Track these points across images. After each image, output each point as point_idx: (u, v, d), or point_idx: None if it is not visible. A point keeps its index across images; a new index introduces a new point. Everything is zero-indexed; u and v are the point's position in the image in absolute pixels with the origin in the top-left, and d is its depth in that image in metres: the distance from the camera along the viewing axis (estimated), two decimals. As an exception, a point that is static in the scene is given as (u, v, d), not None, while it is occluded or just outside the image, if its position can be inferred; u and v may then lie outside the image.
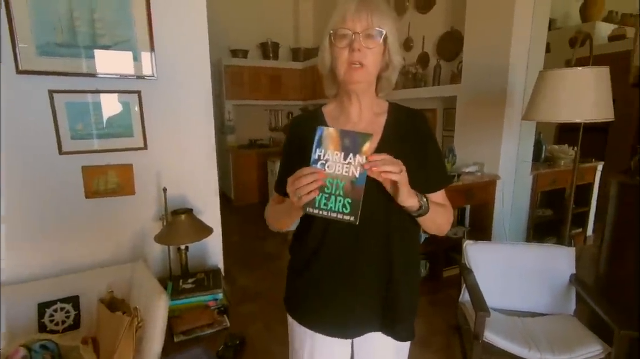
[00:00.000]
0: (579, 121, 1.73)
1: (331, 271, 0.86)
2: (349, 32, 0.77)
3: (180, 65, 1.79)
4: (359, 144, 0.65)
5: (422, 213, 0.79)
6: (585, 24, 4.05)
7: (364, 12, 0.77)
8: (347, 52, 0.78)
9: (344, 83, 0.82)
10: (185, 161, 1.87)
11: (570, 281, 1.76)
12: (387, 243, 0.84)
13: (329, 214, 0.67)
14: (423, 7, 3.44)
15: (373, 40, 0.78)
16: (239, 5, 5.23)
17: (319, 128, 0.67)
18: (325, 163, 0.67)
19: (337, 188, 0.66)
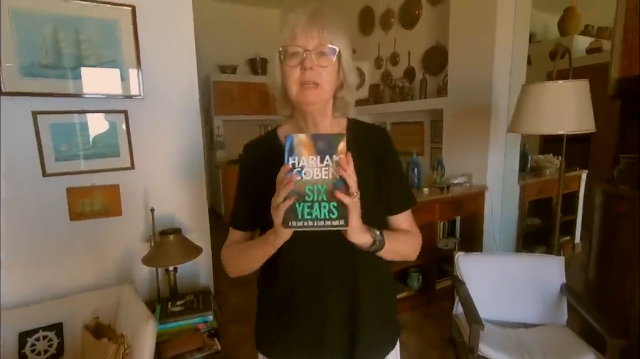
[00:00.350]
0: (562, 133, 1.77)
1: (302, 312, 0.81)
2: (300, 49, 0.71)
3: (168, 83, 1.78)
4: (334, 144, 0.61)
5: (377, 249, 0.73)
6: (563, 38, 4.20)
7: (315, 28, 0.71)
8: (298, 70, 0.72)
9: (297, 104, 0.76)
10: (173, 180, 1.85)
11: (561, 290, 1.77)
12: (353, 279, 0.80)
13: (315, 224, 0.62)
14: (408, 23, 3.53)
15: (326, 58, 0.72)
16: (227, 22, 5.29)
17: (288, 137, 0.61)
18: (302, 171, 0.61)
19: (319, 194, 0.62)
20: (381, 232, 0.74)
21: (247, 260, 0.80)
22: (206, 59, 4.85)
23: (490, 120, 2.59)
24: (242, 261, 0.82)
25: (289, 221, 0.62)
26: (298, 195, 0.61)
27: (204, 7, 4.91)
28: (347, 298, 0.80)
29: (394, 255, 0.79)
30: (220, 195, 5.00)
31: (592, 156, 3.83)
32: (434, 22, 3.27)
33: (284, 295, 0.82)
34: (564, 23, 4.19)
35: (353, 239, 0.67)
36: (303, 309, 0.81)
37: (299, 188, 0.61)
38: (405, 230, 0.85)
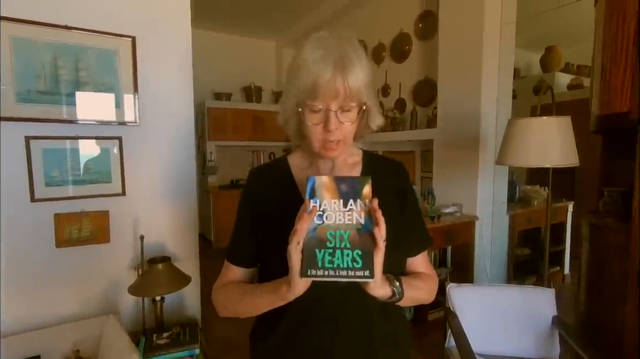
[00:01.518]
0: (548, 166, 1.83)
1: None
2: (324, 108, 0.65)
3: (164, 111, 1.80)
4: (358, 188, 0.57)
5: (396, 300, 0.65)
6: (546, 74, 4.41)
7: (339, 81, 0.62)
8: (320, 128, 0.66)
9: (319, 155, 0.70)
10: (164, 207, 1.83)
11: (552, 323, 1.76)
12: (369, 340, 0.70)
13: (337, 273, 0.54)
14: (398, 57, 3.68)
15: (351, 114, 0.66)
16: (224, 51, 5.44)
17: (309, 178, 0.57)
18: (323, 214, 0.56)
19: (342, 240, 0.55)
20: (400, 283, 0.66)
21: (246, 308, 0.70)
22: (202, 86, 4.94)
23: (478, 151, 2.66)
24: (240, 309, 0.72)
25: (308, 270, 0.54)
26: (319, 241, 0.55)
27: (202, 36, 5.06)
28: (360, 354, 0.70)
29: (412, 302, 0.72)
30: (211, 221, 4.94)
31: (577, 187, 3.93)
32: (424, 57, 3.41)
33: (282, 353, 0.72)
34: (546, 60, 4.42)
35: (373, 292, 0.60)
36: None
37: (320, 233, 0.56)
38: (421, 273, 0.78)
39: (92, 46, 1.60)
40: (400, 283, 0.66)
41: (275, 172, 0.79)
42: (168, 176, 1.83)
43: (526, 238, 3.31)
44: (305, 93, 0.65)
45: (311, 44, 0.66)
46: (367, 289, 0.59)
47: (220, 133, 5.13)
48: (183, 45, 1.82)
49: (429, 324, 2.55)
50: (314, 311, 0.69)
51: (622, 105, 1.58)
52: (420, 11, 3.37)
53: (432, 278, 0.79)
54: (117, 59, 1.65)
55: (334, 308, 0.68)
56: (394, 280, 0.65)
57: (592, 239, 1.83)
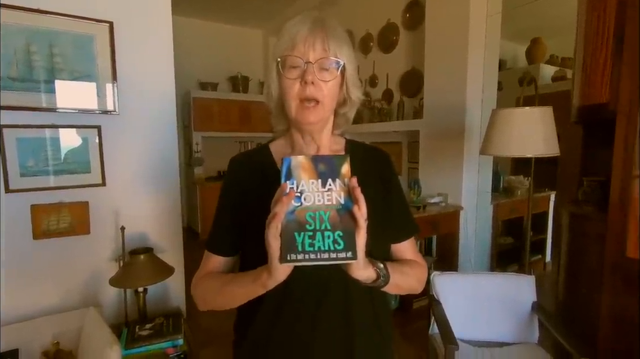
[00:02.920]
0: (529, 156, 1.86)
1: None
2: (301, 60, 0.64)
3: (145, 99, 1.76)
4: (337, 167, 0.55)
5: (381, 284, 0.63)
6: (531, 66, 4.46)
7: (318, 37, 0.64)
8: (298, 85, 0.65)
9: (296, 123, 0.69)
10: (146, 197, 1.80)
11: (532, 309, 1.81)
12: (348, 322, 0.69)
13: (318, 256, 0.52)
14: (386, 47, 3.66)
15: (329, 72, 0.65)
16: (210, 40, 5.33)
17: (284, 159, 0.54)
18: (301, 196, 0.53)
19: (322, 222, 0.53)
20: (385, 265, 0.64)
21: (226, 299, 0.68)
22: (187, 75, 4.84)
23: (464, 142, 2.69)
24: (220, 300, 0.70)
25: (287, 255, 0.52)
26: (297, 224, 0.53)
27: (187, 24, 4.95)
28: (342, 344, 0.69)
29: (399, 289, 0.70)
30: (198, 212, 4.89)
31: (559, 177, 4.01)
32: (411, 47, 3.40)
33: (266, 342, 0.71)
34: (531, 52, 4.46)
35: (356, 274, 0.58)
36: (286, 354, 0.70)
37: (299, 215, 0.53)
38: (409, 260, 0.77)
39: (67, 31, 1.54)
40: (385, 266, 0.64)
41: (256, 160, 0.78)
42: (150, 166, 1.79)
43: (510, 227, 3.38)
44: (283, 49, 0.65)
45: (293, 18, 0.68)
46: (350, 271, 0.57)
47: (206, 124, 5.05)
48: (164, 31, 1.77)
49: (414, 312, 2.60)
50: (293, 298, 0.67)
51: (602, 97, 1.61)
52: (407, 1, 3.35)
53: (420, 266, 0.77)
54: (94, 45, 1.60)
55: (314, 293, 0.67)
56: (379, 263, 0.63)
57: (572, 228, 1.87)
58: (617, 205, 1.45)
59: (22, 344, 1.40)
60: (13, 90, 1.48)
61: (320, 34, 0.64)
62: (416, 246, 0.81)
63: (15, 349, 1.38)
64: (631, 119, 1.40)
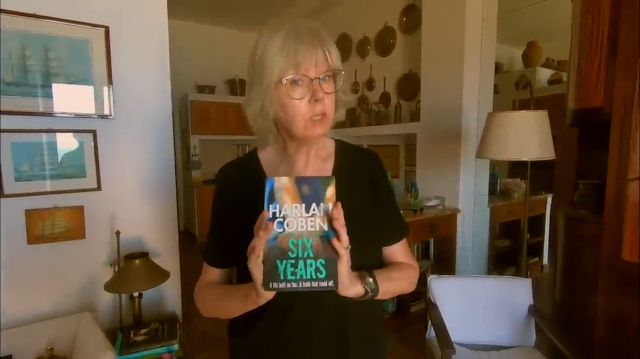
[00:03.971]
0: (525, 159, 1.86)
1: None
2: (306, 78, 0.61)
3: (140, 104, 1.76)
4: (321, 191, 0.53)
5: (371, 296, 0.64)
6: (527, 69, 4.48)
7: (320, 49, 0.61)
8: (305, 103, 0.62)
9: (304, 138, 0.67)
10: (142, 202, 1.80)
11: (529, 312, 1.80)
12: (344, 331, 0.70)
13: (300, 285, 0.52)
14: (383, 51, 3.67)
15: (331, 83, 0.64)
16: (207, 44, 5.34)
17: (268, 180, 0.53)
18: (284, 221, 0.53)
19: (305, 249, 0.53)
20: (374, 278, 0.64)
21: (224, 311, 0.70)
22: (184, 79, 4.85)
23: (460, 145, 2.69)
24: (219, 311, 0.71)
25: (270, 283, 0.53)
26: (280, 251, 0.53)
27: (185, 28, 4.95)
28: (336, 352, 0.71)
29: (390, 295, 0.71)
30: (195, 216, 4.88)
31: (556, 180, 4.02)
32: (408, 50, 3.42)
33: (261, 348, 0.72)
34: (527, 56, 4.48)
35: (343, 293, 0.59)
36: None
37: (282, 242, 0.53)
38: (400, 262, 0.77)
39: (62, 36, 1.54)
40: (374, 279, 0.64)
41: (245, 169, 0.77)
42: (145, 170, 1.79)
43: (507, 230, 3.38)
44: (282, 67, 0.62)
45: (271, 28, 0.64)
46: (337, 290, 0.57)
47: (203, 127, 5.05)
48: (159, 35, 1.77)
49: (411, 315, 2.59)
50: (291, 310, 0.69)
51: (597, 100, 1.62)
52: (404, 5, 3.36)
53: (411, 268, 0.78)
54: (89, 50, 1.60)
55: (309, 306, 0.68)
56: (367, 277, 0.63)
57: (567, 230, 1.88)
58: (612, 208, 1.46)
59: (16, 349, 1.39)
60: (8, 95, 1.47)
61: (320, 46, 0.62)
62: (408, 247, 0.81)
63: (9, 355, 1.37)
64: (625, 122, 1.40)
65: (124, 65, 1.69)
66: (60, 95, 1.56)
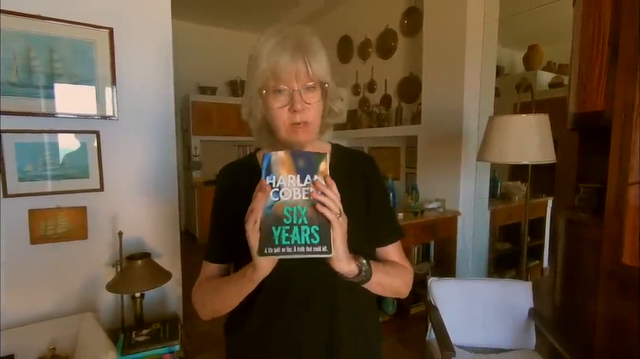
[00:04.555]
0: (526, 162, 1.87)
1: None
2: (287, 89, 0.64)
3: (144, 105, 1.77)
4: (315, 163, 0.56)
5: (363, 280, 0.65)
6: (528, 72, 4.49)
7: (300, 62, 0.63)
8: (286, 111, 0.65)
9: (287, 143, 0.69)
10: (144, 203, 1.80)
11: (529, 315, 1.81)
12: (336, 322, 0.71)
13: (294, 249, 0.54)
14: (384, 53, 3.68)
15: (315, 94, 0.67)
16: (209, 44, 5.35)
17: (265, 155, 0.56)
18: (280, 191, 0.55)
19: (299, 216, 0.55)
20: (368, 262, 0.66)
21: (222, 300, 0.71)
22: (186, 80, 4.86)
23: (461, 147, 2.70)
24: (217, 301, 0.72)
25: (265, 248, 0.54)
26: (275, 218, 0.54)
27: (186, 29, 4.97)
28: (327, 344, 0.72)
29: (383, 289, 0.72)
30: (196, 216, 4.89)
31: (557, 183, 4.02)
32: (409, 53, 3.43)
33: (255, 340, 0.74)
34: (528, 59, 4.49)
35: (337, 268, 0.60)
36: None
37: (277, 210, 0.55)
38: (395, 261, 0.78)
39: (67, 37, 1.55)
40: (368, 263, 0.65)
41: (244, 169, 0.79)
42: (148, 171, 1.80)
43: (507, 232, 3.38)
44: (265, 77, 0.65)
45: (267, 33, 0.67)
46: (332, 263, 0.59)
47: (205, 128, 5.07)
48: (163, 37, 1.78)
49: (411, 317, 2.59)
50: (283, 300, 0.70)
51: (597, 104, 1.62)
52: (406, 8, 3.37)
53: (405, 269, 0.79)
54: (94, 51, 1.61)
55: (300, 292, 0.70)
56: (361, 259, 0.65)
57: (568, 234, 1.88)
58: (612, 212, 1.46)
59: (18, 349, 1.40)
60: (12, 96, 1.48)
61: (301, 59, 0.64)
62: (402, 250, 0.82)
63: (11, 354, 1.38)
64: (626, 127, 1.41)
65: (128, 67, 1.70)
66: (63, 96, 1.57)
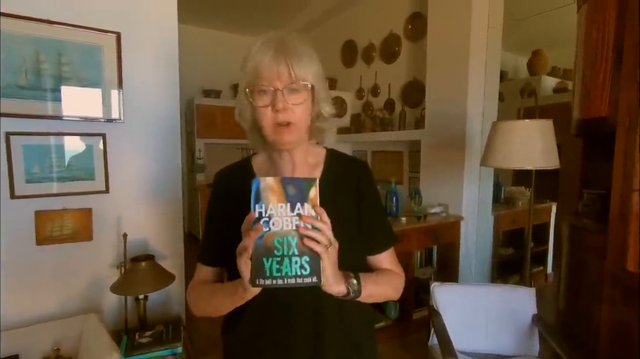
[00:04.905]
0: (530, 168, 1.87)
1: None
2: (269, 88, 0.65)
3: (149, 108, 1.79)
4: (305, 191, 0.56)
5: (353, 297, 0.66)
6: (532, 77, 4.49)
7: (282, 63, 0.65)
8: (270, 111, 0.66)
9: (273, 144, 0.71)
10: (149, 205, 1.82)
11: (532, 321, 1.80)
12: (321, 334, 0.72)
13: (285, 281, 0.55)
14: (388, 58, 3.70)
15: (298, 95, 0.67)
16: (213, 48, 5.40)
17: (254, 181, 0.55)
18: (270, 220, 0.55)
19: (290, 247, 0.55)
20: (358, 279, 0.66)
21: (214, 309, 0.73)
22: (190, 83, 4.89)
23: (465, 152, 2.70)
24: (209, 309, 0.74)
25: (256, 279, 0.55)
26: (265, 249, 0.55)
27: (190, 32, 5.01)
28: (313, 349, 0.73)
29: (374, 299, 0.73)
30: (199, 219, 4.91)
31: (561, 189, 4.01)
32: (413, 58, 3.44)
33: (248, 342, 0.75)
34: (533, 64, 4.49)
35: (327, 290, 0.61)
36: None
37: (267, 241, 0.55)
38: (386, 269, 0.79)
39: (75, 41, 1.57)
40: (358, 281, 0.66)
41: (239, 174, 0.80)
42: (153, 174, 1.81)
43: (511, 238, 3.37)
44: (249, 77, 0.67)
45: (259, 38, 0.69)
46: (322, 287, 0.60)
47: (209, 131, 5.09)
48: (169, 41, 1.80)
49: (414, 322, 2.58)
50: (271, 305, 0.72)
51: (602, 110, 1.62)
52: (410, 13, 3.39)
53: (396, 274, 0.80)
54: (101, 55, 1.63)
55: (287, 301, 0.71)
56: (352, 278, 0.66)
57: (572, 240, 1.87)
58: (617, 218, 1.46)
59: (22, 350, 1.41)
60: (21, 98, 1.51)
61: (283, 60, 0.65)
62: (394, 256, 0.82)
63: (16, 354, 1.39)
64: (630, 133, 1.41)
65: (134, 71, 1.72)
66: (71, 99, 1.59)
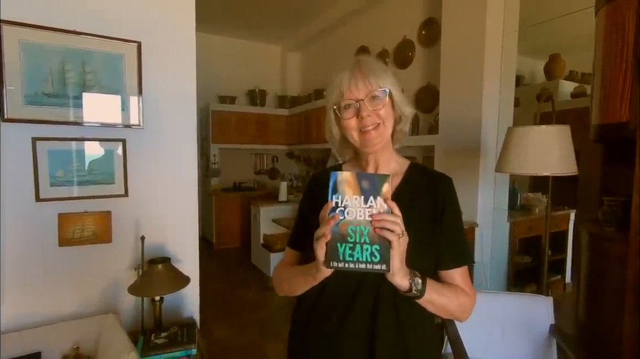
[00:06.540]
0: (546, 174, 1.83)
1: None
2: (353, 101, 0.77)
3: (168, 114, 1.84)
4: (378, 186, 0.61)
5: (415, 296, 0.70)
6: (549, 82, 4.41)
7: (360, 78, 0.76)
8: (355, 120, 0.77)
9: (362, 147, 0.80)
10: (166, 209, 1.86)
11: (550, 331, 1.76)
12: (373, 333, 0.77)
13: (356, 266, 0.61)
14: (402, 63, 3.70)
15: (379, 101, 0.77)
16: (229, 55, 5.51)
17: (332, 174, 0.63)
18: (345, 210, 0.61)
19: (362, 236, 0.61)
20: (424, 280, 0.71)
21: (290, 287, 0.84)
22: (206, 89, 5.00)
23: (479, 158, 2.67)
24: (286, 286, 0.86)
25: (330, 261, 0.62)
26: (340, 236, 0.61)
27: (208, 40, 5.13)
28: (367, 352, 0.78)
29: (435, 308, 0.75)
30: (213, 223, 4.97)
31: (580, 195, 3.91)
32: (427, 63, 3.43)
33: (308, 333, 0.85)
34: (550, 68, 4.42)
35: (391, 279, 0.66)
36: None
37: (342, 228, 0.61)
38: (456, 285, 0.80)
39: (99, 50, 1.64)
40: (424, 281, 0.71)
41: (326, 178, 0.89)
42: (170, 178, 1.86)
43: (527, 245, 3.30)
44: (335, 98, 0.79)
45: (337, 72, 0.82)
46: (387, 276, 0.66)
47: (224, 136, 5.18)
48: (187, 49, 1.85)
49: (428, 330, 2.54)
50: (327, 297, 0.81)
51: (622, 115, 1.59)
52: (424, 18, 3.39)
53: (464, 293, 0.80)
54: (123, 63, 1.69)
55: (344, 299, 0.79)
56: (417, 277, 0.70)
57: (592, 248, 1.83)
58: (638, 226, 1.42)
59: (44, 347, 1.45)
60: (46, 105, 1.57)
61: (359, 74, 0.77)
62: (468, 276, 0.84)
63: (38, 352, 1.44)
64: (651, 139, 1.37)
65: (154, 78, 1.77)
66: (93, 106, 1.65)
